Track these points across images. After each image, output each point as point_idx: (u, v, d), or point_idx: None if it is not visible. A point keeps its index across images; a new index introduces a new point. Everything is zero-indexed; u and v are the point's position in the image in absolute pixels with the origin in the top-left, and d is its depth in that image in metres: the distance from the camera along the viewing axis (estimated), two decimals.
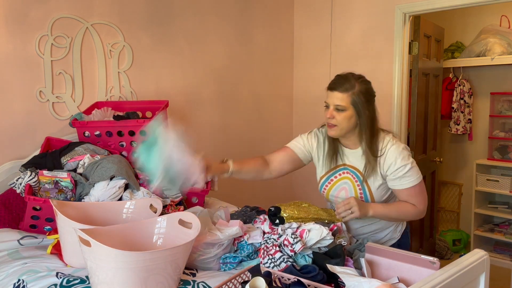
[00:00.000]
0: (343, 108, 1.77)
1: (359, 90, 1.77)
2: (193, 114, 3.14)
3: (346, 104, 1.76)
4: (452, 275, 1.27)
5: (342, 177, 1.92)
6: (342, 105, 1.76)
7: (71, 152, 2.20)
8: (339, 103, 1.77)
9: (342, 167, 1.93)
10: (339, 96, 1.77)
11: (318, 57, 3.70)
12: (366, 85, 1.82)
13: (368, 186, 1.86)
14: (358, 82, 1.78)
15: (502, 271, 3.69)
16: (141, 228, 1.57)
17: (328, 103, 1.81)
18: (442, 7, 3.06)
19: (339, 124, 1.79)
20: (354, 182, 1.89)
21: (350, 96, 1.76)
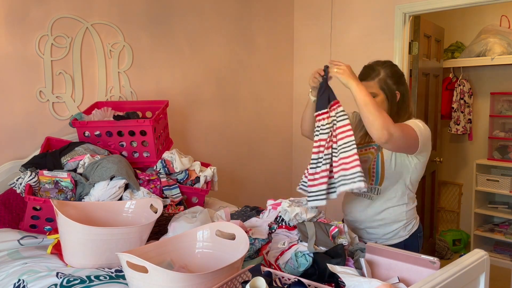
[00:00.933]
0: (374, 94, 1.89)
1: (386, 74, 1.91)
2: (193, 114, 3.14)
3: (376, 90, 1.91)
4: (452, 275, 1.27)
5: (366, 151, 2.01)
6: (373, 92, 1.89)
7: (71, 152, 2.20)
8: (370, 91, 1.84)
9: (372, 143, 2.00)
10: (368, 84, 1.90)
11: (318, 57, 3.70)
12: (391, 68, 1.93)
13: (382, 156, 1.93)
14: (382, 68, 1.92)
15: (502, 271, 3.69)
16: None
17: None
18: (442, 7, 3.06)
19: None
20: (374, 153, 1.97)
21: (377, 82, 1.91)
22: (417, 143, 1.79)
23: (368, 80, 1.92)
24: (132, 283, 1.28)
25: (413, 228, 2.05)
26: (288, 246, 1.64)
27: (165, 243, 1.48)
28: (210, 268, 1.35)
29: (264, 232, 1.75)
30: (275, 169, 3.78)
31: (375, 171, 1.94)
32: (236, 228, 1.52)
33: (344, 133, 1.78)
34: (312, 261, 1.53)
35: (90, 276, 1.51)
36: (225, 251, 1.50)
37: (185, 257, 1.50)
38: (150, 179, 2.16)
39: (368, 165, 1.96)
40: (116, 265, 1.61)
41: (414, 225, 2.06)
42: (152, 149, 2.31)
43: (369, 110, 1.73)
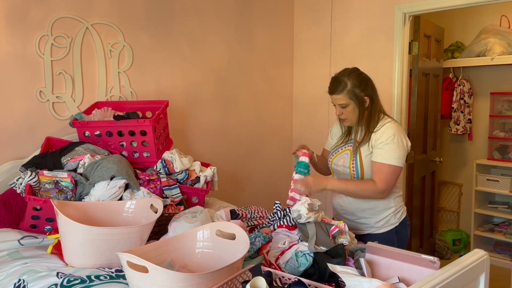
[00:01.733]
0: (345, 105, 2.04)
1: (352, 85, 2.02)
2: (193, 114, 3.14)
3: (346, 101, 2.04)
4: (452, 275, 1.27)
5: (346, 148, 2.16)
6: (343, 103, 2.04)
7: (71, 152, 2.20)
8: (340, 103, 2.05)
9: (350, 141, 2.17)
10: (338, 97, 2.05)
11: (318, 57, 3.70)
12: (358, 77, 2.05)
13: (360, 154, 2.08)
14: (349, 79, 2.03)
15: (502, 271, 3.69)
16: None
17: (334, 103, 2.09)
18: (442, 7, 3.06)
19: (348, 117, 2.08)
20: (352, 151, 2.12)
21: (346, 94, 2.03)
22: (399, 169, 2.01)
23: (337, 93, 2.03)
24: (132, 283, 1.28)
25: (402, 215, 2.17)
26: (288, 246, 1.65)
27: (165, 243, 1.48)
28: (210, 268, 1.35)
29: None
30: (275, 169, 3.78)
31: (355, 167, 2.08)
32: (236, 228, 1.52)
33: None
34: (313, 261, 1.53)
35: (91, 276, 1.51)
36: (225, 251, 1.50)
37: (186, 257, 1.50)
38: (150, 179, 2.16)
39: (348, 161, 2.11)
40: (116, 265, 1.61)
41: (402, 212, 2.18)
42: (152, 149, 2.32)
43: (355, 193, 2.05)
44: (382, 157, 1.98)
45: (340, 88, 2.02)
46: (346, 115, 2.06)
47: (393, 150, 1.98)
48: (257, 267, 1.30)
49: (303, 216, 1.73)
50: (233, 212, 2.08)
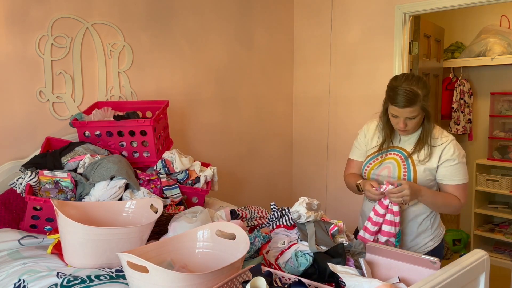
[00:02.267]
0: (415, 116, 1.88)
1: (423, 95, 1.85)
2: (193, 114, 3.14)
3: (418, 112, 1.87)
4: (452, 275, 1.27)
5: (388, 157, 2.00)
6: (414, 115, 1.87)
7: (71, 152, 2.20)
8: (410, 115, 1.87)
9: (390, 148, 2.02)
10: (409, 110, 1.85)
11: (318, 57, 3.70)
12: (426, 87, 1.87)
13: (412, 161, 1.94)
14: (420, 89, 1.84)
15: (502, 271, 3.69)
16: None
17: (398, 115, 1.89)
18: (442, 7, 3.06)
19: (411, 128, 1.92)
20: (399, 160, 1.97)
21: (418, 105, 1.85)
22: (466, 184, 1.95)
23: (413, 106, 1.84)
24: (132, 283, 1.28)
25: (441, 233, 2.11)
26: (287, 246, 1.65)
27: (165, 243, 1.48)
28: (210, 268, 1.35)
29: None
30: (275, 169, 3.78)
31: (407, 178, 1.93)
32: (236, 228, 1.52)
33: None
34: (312, 260, 1.53)
35: (91, 276, 1.51)
36: (225, 251, 1.50)
37: (186, 257, 1.50)
38: (150, 179, 2.16)
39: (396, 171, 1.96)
40: (117, 265, 1.61)
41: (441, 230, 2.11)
42: (152, 149, 2.32)
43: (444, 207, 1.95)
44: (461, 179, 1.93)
45: (417, 100, 1.83)
46: (410, 126, 1.90)
47: (465, 168, 1.94)
48: (257, 267, 1.30)
49: (303, 216, 1.73)
50: (233, 212, 2.08)
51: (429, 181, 1.94)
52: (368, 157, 2.06)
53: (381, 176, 1.98)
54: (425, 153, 1.93)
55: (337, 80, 3.62)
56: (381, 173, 1.99)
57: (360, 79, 3.48)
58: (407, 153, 1.96)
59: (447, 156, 1.91)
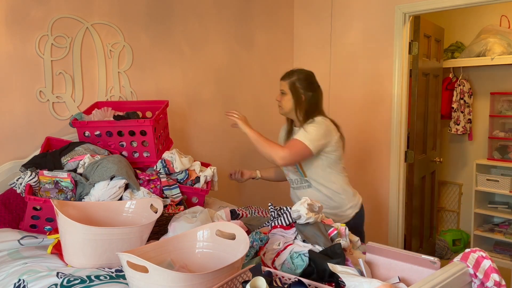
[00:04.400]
0: (284, 92, 2.30)
1: (297, 78, 2.28)
2: (193, 114, 3.14)
3: (286, 89, 2.30)
4: (452, 275, 1.27)
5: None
6: (282, 89, 2.31)
7: (71, 152, 2.20)
8: (282, 88, 2.31)
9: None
10: (282, 83, 2.32)
11: (318, 57, 3.70)
12: (305, 76, 2.30)
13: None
14: (297, 73, 2.30)
15: (502, 271, 3.67)
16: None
17: (280, 89, 2.34)
18: (442, 7, 3.06)
19: (282, 105, 2.33)
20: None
21: (288, 83, 2.29)
22: (308, 151, 2.19)
23: (283, 79, 2.31)
24: (132, 283, 1.28)
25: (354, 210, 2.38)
26: (283, 247, 1.64)
27: (165, 243, 1.48)
28: (210, 268, 1.35)
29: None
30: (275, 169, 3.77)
31: (297, 169, 2.33)
32: (236, 228, 1.52)
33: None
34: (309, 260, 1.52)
35: (91, 276, 1.51)
36: (225, 251, 1.50)
37: (185, 257, 1.50)
38: (150, 179, 2.16)
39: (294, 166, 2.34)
40: (116, 265, 1.61)
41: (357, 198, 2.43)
42: (152, 149, 2.32)
43: (260, 145, 2.25)
44: (297, 136, 2.21)
45: (288, 77, 2.29)
46: (282, 103, 2.32)
47: (310, 133, 2.18)
48: (257, 267, 1.30)
49: (303, 217, 1.72)
50: (233, 212, 2.08)
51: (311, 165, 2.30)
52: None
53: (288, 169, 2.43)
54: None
55: (337, 80, 3.62)
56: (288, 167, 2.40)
57: (360, 79, 3.48)
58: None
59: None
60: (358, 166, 3.53)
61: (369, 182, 3.49)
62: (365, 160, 3.52)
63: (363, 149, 3.51)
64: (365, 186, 3.50)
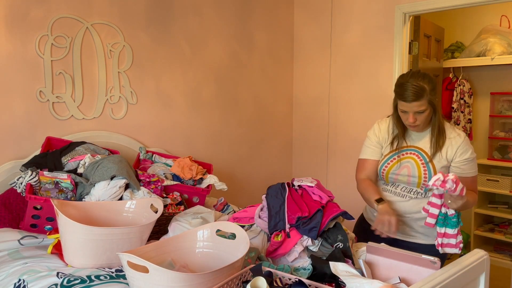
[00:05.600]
0: (424, 110, 1.91)
1: (430, 89, 1.89)
2: (193, 114, 3.14)
3: (426, 106, 1.90)
4: (452, 275, 1.27)
5: (405, 156, 2.02)
6: (422, 109, 1.90)
7: (72, 152, 2.21)
8: (418, 110, 1.90)
9: (405, 148, 2.04)
10: (417, 104, 1.89)
11: (318, 57, 3.70)
12: (432, 82, 1.92)
13: (433, 165, 1.96)
14: (426, 83, 1.89)
15: (502, 271, 3.69)
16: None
17: (407, 110, 1.92)
18: (442, 7, 3.06)
19: (421, 123, 1.95)
20: (418, 161, 1.99)
21: (426, 99, 1.89)
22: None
23: (421, 99, 1.88)
24: (132, 283, 1.28)
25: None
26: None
27: (165, 243, 1.48)
28: (210, 268, 1.35)
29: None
30: (275, 169, 3.78)
31: (428, 176, 1.95)
32: (236, 228, 1.52)
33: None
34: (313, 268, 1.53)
35: (91, 276, 1.51)
36: (225, 250, 1.50)
37: (186, 257, 1.50)
38: (151, 180, 2.16)
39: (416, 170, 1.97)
40: (117, 264, 1.61)
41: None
42: None
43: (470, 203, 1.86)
44: (474, 171, 2.00)
45: (424, 93, 1.88)
46: (420, 121, 1.93)
47: (475, 163, 2.00)
48: (257, 267, 1.31)
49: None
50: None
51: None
52: (384, 157, 2.07)
53: (400, 175, 2.00)
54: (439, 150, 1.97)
55: (337, 80, 3.62)
56: (400, 173, 2.01)
57: (360, 79, 3.48)
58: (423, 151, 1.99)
59: (460, 152, 1.96)
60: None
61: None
62: None
63: None
64: None
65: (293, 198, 1.79)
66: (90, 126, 2.61)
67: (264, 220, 1.77)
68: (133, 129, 2.80)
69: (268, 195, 1.82)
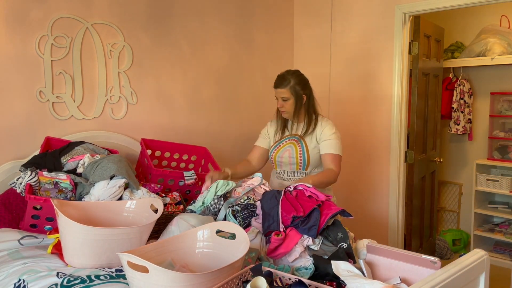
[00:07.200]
0: (287, 98, 2.39)
1: (294, 82, 2.38)
2: (193, 114, 3.14)
3: (288, 95, 2.38)
4: (452, 275, 1.27)
5: (287, 142, 2.48)
6: (285, 96, 2.38)
7: (71, 152, 2.21)
8: (283, 96, 2.39)
9: (288, 136, 2.50)
10: (281, 91, 2.39)
11: (318, 57, 3.70)
12: (299, 77, 2.41)
13: (306, 145, 2.42)
14: (292, 77, 2.39)
15: (502, 271, 3.69)
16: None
17: (277, 96, 2.42)
18: (442, 7, 3.06)
19: (287, 110, 2.42)
20: (296, 144, 2.44)
21: (289, 89, 2.37)
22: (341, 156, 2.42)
23: (281, 87, 2.38)
24: (133, 283, 1.28)
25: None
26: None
27: (165, 243, 1.48)
28: (210, 268, 1.35)
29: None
30: None
31: (302, 157, 2.41)
32: (236, 228, 1.52)
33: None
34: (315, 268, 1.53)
35: (91, 276, 1.51)
36: (225, 250, 1.50)
37: (186, 257, 1.50)
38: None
39: (294, 153, 2.43)
40: (117, 264, 1.61)
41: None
42: None
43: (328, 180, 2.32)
44: (334, 149, 2.38)
45: (285, 83, 2.37)
46: (286, 108, 2.40)
47: (338, 141, 2.40)
48: (257, 267, 1.31)
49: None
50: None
51: (318, 155, 2.41)
52: (272, 146, 2.53)
53: (284, 157, 2.45)
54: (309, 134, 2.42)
55: (337, 80, 3.62)
56: (283, 155, 2.46)
57: (360, 79, 3.48)
58: (299, 136, 2.44)
59: (321, 131, 2.41)
60: (358, 166, 3.53)
61: (369, 182, 3.49)
62: (365, 160, 3.52)
63: (363, 149, 3.51)
64: (365, 186, 3.50)
65: (288, 200, 1.80)
66: (90, 126, 2.61)
67: (259, 223, 1.78)
68: (133, 129, 2.80)
69: (263, 199, 1.84)
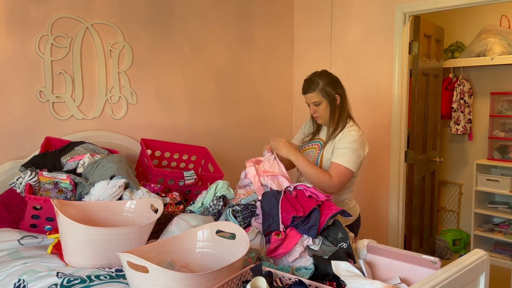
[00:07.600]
0: (318, 102, 2.23)
1: (324, 83, 2.20)
2: (193, 114, 3.14)
3: (319, 98, 2.22)
4: (452, 275, 1.27)
5: (311, 146, 2.37)
6: (316, 100, 2.22)
7: (71, 152, 2.20)
8: (314, 101, 2.23)
9: (316, 140, 2.37)
10: (312, 95, 2.22)
11: (318, 57, 3.70)
12: (328, 77, 2.24)
13: (323, 153, 2.27)
14: (320, 78, 2.21)
15: (502, 271, 3.69)
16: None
17: (308, 102, 2.28)
18: (442, 7, 3.06)
19: (321, 115, 2.26)
20: (317, 149, 2.31)
21: (319, 92, 2.21)
22: (352, 173, 2.17)
23: (310, 92, 2.22)
24: (132, 283, 1.28)
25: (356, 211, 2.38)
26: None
27: (165, 243, 1.47)
28: (210, 268, 1.35)
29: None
30: None
31: (316, 164, 2.25)
32: (236, 228, 1.52)
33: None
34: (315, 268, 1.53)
35: (91, 276, 1.51)
36: (225, 250, 1.50)
37: (186, 257, 1.50)
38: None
39: (312, 158, 2.29)
40: (117, 264, 1.61)
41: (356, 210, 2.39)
42: None
43: (311, 177, 2.13)
44: (341, 159, 2.14)
45: (314, 87, 2.21)
46: (320, 113, 2.25)
47: (352, 154, 2.15)
48: (257, 267, 1.30)
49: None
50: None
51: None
52: (301, 144, 2.43)
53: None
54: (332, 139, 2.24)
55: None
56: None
57: (360, 79, 3.48)
58: (323, 141, 2.30)
59: (339, 140, 2.21)
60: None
61: (369, 182, 3.49)
62: (365, 160, 3.51)
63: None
64: (365, 186, 3.50)
65: (288, 200, 1.80)
66: (90, 126, 2.61)
67: (259, 223, 1.78)
68: (133, 129, 2.80)
69: (263, 200, 1.84)
